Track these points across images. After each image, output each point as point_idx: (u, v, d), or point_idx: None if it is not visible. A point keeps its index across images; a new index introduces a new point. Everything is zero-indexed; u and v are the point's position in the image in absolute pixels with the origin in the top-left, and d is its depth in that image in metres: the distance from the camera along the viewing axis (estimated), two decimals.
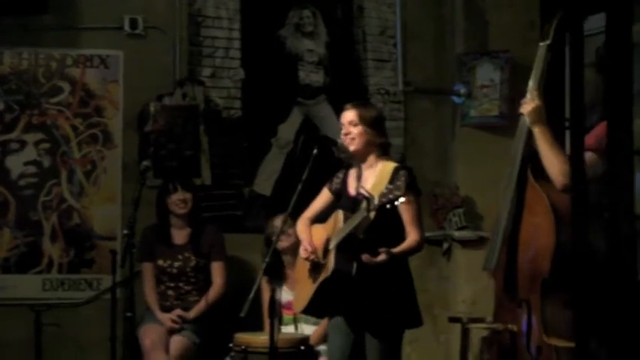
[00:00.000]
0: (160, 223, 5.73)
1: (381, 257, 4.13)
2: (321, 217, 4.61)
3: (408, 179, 4.27)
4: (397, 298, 4.32)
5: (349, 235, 4.21)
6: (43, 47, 6.02)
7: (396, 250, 4.23)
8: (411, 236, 4.30)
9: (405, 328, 4.46)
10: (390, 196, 3.94)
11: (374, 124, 4.45)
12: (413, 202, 4.30)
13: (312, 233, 4.55)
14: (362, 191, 4.10)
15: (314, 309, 4.53)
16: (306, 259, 4.46)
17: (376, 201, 3.96)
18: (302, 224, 4.60)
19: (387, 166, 4.41)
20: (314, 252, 4.43)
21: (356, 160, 4.49)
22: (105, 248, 5.86)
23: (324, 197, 4.61)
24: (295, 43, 6.39)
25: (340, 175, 4.58)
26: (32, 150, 5.99)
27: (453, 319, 5.80)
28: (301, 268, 4.59)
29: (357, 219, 4.13)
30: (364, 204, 4.00)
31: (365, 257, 4.12)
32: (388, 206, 3.98)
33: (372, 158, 4.46)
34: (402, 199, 3.96)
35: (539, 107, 4.05)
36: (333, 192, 4.58)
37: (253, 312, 4.24)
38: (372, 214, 4.05)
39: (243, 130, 6.24)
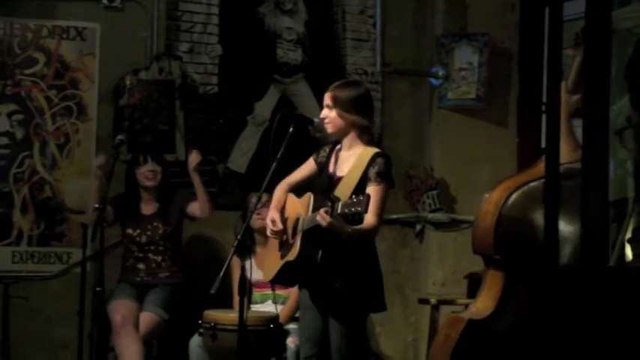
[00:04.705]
0: (128, 196, 5.68)
1: (327, 220, 4.00)
2: (302, 187, 4.49)
3: (383, 168, 4.20)
4: (362, 284, 4.23)
5: (316, 226, 4.15)
6: (19, 17, 5.95)
7: (351, 228, 4.11)
8: (368, 219, 4.15)
9: (368, 312, 4.44)
10: (352, 209, 3.90)
11: (351, 106, 4.28)
12: (381, 190, 4.20)
13: (287, 203, 4.48)
14: (333, 194, 4.07)
15: (280, 281, 4.55)
16: (271, 235, 4.43)
17: (339, 209, 3.94)
18: (280, 191, 4.45)
19: (366, 151, 4.29)
20: (281, 231, 4.38)
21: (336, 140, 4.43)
22: (76, 222, 5.83)
23: (308, 167, 4.51)
24: (274, 20, 6.35)
25: (327, 149, 4.47)
26: (5, 121, 5.93)
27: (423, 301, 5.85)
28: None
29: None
30: (329, 207, 3.98)
31: (321, 215, 4.03)
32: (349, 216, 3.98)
33: (350, 140, 4.34)
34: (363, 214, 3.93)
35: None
36: (318, 164, 4.47)
37: (223, 290, 4.22)
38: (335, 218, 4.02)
39: (219, 107, 6.21)
